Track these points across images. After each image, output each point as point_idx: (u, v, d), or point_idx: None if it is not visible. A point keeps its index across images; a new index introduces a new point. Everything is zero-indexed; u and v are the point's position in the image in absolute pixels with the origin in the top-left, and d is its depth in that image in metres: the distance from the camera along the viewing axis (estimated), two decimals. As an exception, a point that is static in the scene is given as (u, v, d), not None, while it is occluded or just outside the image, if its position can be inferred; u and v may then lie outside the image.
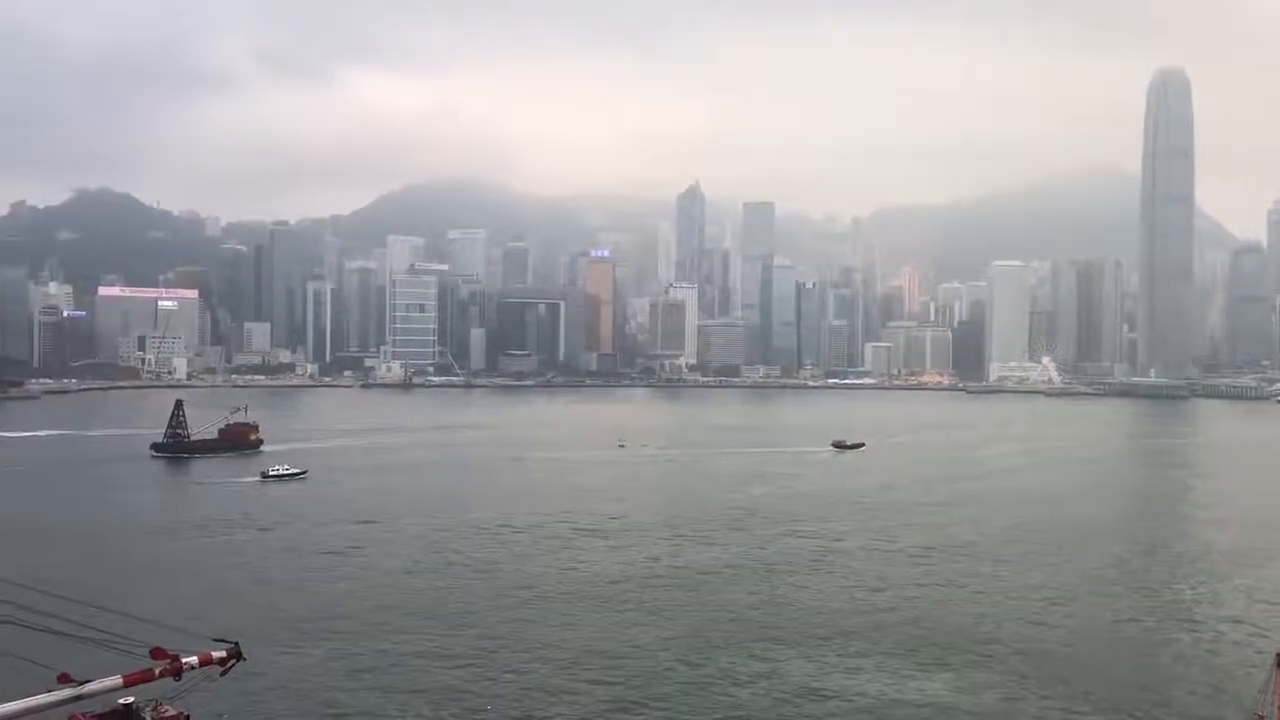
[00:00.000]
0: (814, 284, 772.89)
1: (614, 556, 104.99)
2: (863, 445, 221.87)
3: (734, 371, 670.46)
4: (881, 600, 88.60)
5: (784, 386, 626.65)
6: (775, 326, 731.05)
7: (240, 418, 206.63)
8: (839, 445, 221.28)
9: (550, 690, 64.41)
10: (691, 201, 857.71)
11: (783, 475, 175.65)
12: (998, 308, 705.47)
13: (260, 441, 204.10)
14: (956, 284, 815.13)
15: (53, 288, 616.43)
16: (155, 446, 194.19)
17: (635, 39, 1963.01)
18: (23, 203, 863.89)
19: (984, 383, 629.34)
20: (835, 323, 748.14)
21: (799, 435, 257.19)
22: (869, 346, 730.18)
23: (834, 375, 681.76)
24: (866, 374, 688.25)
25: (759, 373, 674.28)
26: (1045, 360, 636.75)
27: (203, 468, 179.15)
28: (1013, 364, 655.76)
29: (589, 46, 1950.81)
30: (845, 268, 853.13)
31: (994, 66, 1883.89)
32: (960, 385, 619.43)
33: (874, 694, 64.68)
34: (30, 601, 37.82)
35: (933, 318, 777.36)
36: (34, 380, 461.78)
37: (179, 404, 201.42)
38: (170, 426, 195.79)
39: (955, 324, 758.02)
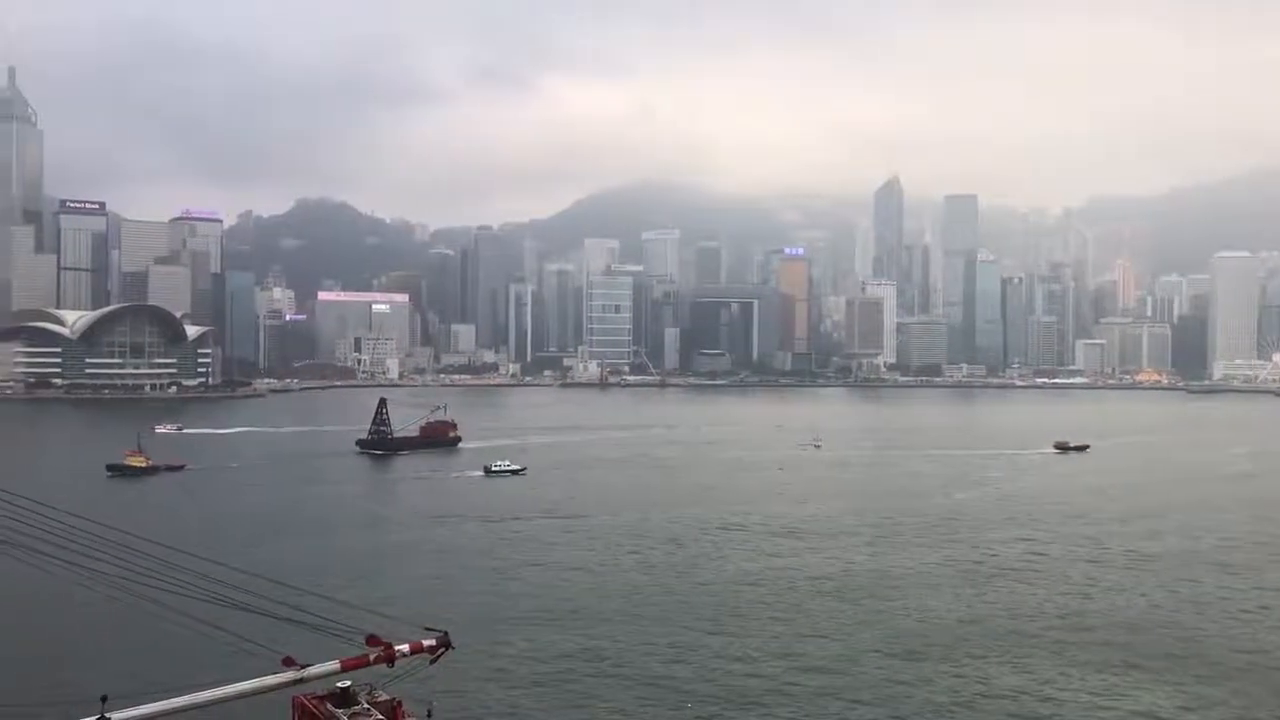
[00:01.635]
0: (1021, 279, 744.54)
1: (810, 559, 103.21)
2: (1088, 447, 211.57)
3: (935, 371, 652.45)
4: (1094, 608, 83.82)
5: (989, 386, 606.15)
6: (979, 324, 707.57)
7: (440, 416, 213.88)
8: (1062, 447, 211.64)
9: (746, 691, 63.69)
10: (889, 196, 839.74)
11: (991, 478, 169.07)
12: (1222, 302, 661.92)
13: (459, 439, 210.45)
14: (1176, 277, 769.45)
15: (277, 293, 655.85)
16: (360, 443, 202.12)
17: (830, 34, 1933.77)
18: (249, 213, 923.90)
19: (1207, 382, 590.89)
20: (1044, 319, 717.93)
21: (1009, 436, 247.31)
22: (1080, 344, 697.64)
23: (1042, 374, 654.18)
24: (1078, 373, 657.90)
25: (962, 372, 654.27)
26: (1276, 358, 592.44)
27: (416, 463, 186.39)
28: (1239, 362, 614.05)
29: (783, 44, 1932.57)
30: (1054, 262, 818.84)
31: (1217, 46, 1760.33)
32: (1180, 384, 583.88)
33: (1086, 705, 61.10)
34: (256, 588, 39.78)
35: (1150, 313, 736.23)
36: (261, 380, 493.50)
37: (383, 402, 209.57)
38: (374, 424, 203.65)
39: (1174, 319, 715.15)
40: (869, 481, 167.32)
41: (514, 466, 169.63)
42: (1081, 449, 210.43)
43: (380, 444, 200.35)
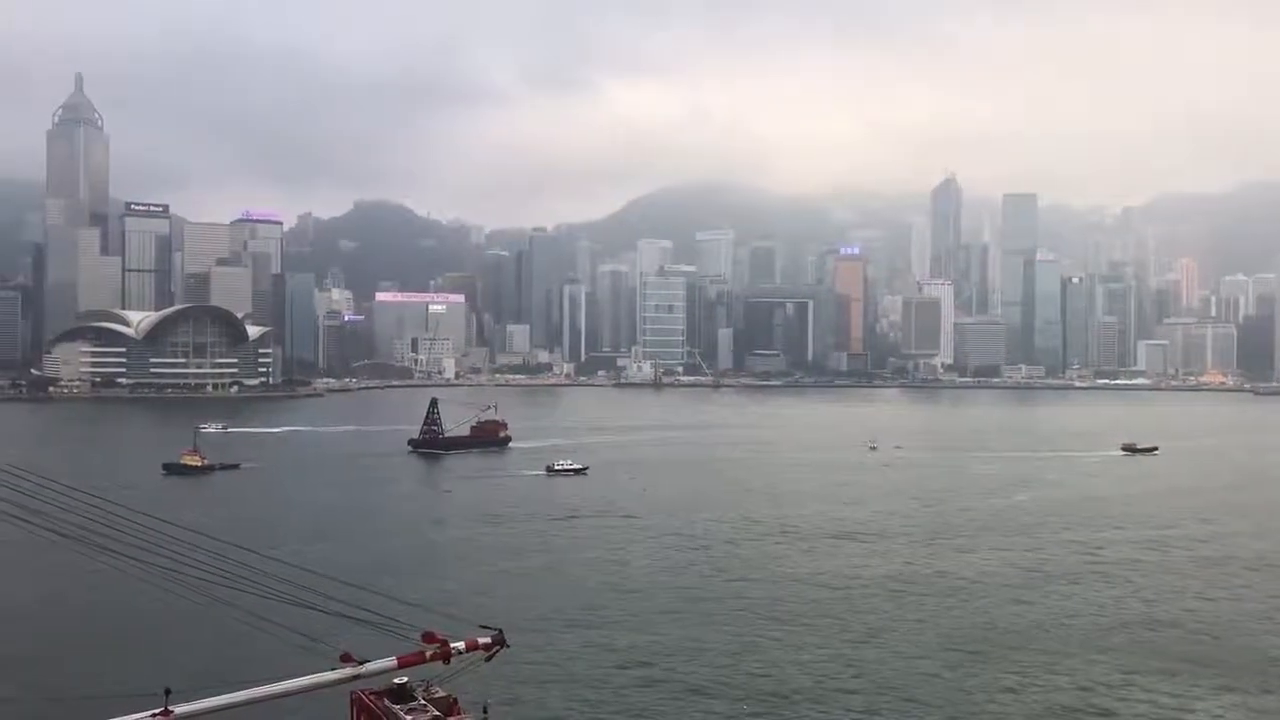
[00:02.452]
0: (1080, 279, 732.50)
1: (867, 561, 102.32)
2: (1156, 449, 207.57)
3: (993, 371, 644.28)
4: (1159, 613, 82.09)
5: (1048, 387, 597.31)
6: (1038, 324, 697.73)
7: (490, 416, 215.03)
8: (1129, 449, 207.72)
9: (802, 692, 63.22)
10: (946, 195, 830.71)
11: (1051, 480, 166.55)
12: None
13: (508, 439, 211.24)
14: (1241, 276, 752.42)
15: (335, 294, 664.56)
16: (412, 442, 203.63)
17: (885, 33, 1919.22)
18: (309, 215, 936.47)
19: (1274, 383, 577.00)
20: (1104, 320, 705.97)
21: (1071, 438, 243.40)
22: (1142, 345, 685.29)
23: (1103, 375, 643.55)
24: (1139, 374, 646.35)
25: (1021, 373, 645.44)
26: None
27: (474, 463, 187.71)
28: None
29: (840, 44, 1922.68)
30: (1115, 261, 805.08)
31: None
32: (1246, 386, 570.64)
33: (1150, 714, 59.83)
34: (314, 584, 40.18)
35: (1214, 313, 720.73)
36: (320, 379, 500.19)
37: (434, 402, 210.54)
38: (426, 423, 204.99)
39: (1239, 320, 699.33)
40: (926, 483, 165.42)
41: (576, 466, 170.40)
42: (1150, 451, 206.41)
43: (431, 443, 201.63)
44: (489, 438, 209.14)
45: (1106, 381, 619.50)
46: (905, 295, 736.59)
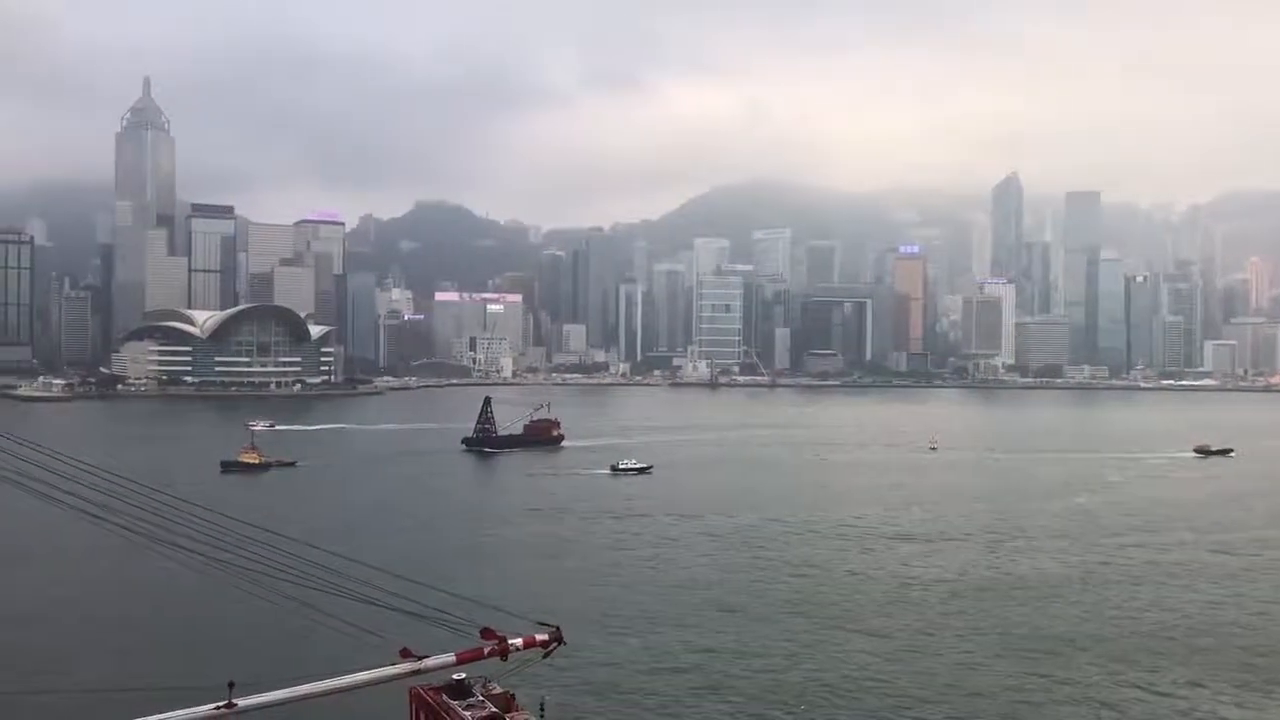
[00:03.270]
0: (1145, 277, 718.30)
1: (925, 562, 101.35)
2: (1231, 451, 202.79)
3: (1056, 372, 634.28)
4: (1225, 618, 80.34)
5: (1112, 388, 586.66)
6: (1102, 324, 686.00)
7: (543, 415, 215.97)
8: (1203, 451, 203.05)
9: (861, 694, 62.73)
10: (1008, 193, 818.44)
11: (1116, 481, 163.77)
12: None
13: (561, 437, 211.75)
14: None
15: (395, 294, 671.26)
16: (465, 441, 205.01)
17: (948, 31, 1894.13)
18: (370, 216, 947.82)
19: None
20: (1170, 319, 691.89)
21: (1136, 439, 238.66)
22: (1209, 345, 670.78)
23: (1169, 376, 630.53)
24: (1206, 375, 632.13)
25: (1084, 373, 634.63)
26: None
27: (532, 462, 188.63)
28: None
29: (897, 40, 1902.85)
30: (1181, 260, 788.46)
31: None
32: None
33: (1222, 722, 58.65)
34: (374, 579, 40.59)
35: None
36: (380, 378, 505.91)
37: (487, 401, 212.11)
38: (479, 422, 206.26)
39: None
40: (987, 484, 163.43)
41: (640, 465, 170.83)
42: (1225, 453, 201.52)
43: (485, 442, 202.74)
44: (542, 437, 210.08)
45: (1172, 382, 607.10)
46: (966, 294, 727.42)
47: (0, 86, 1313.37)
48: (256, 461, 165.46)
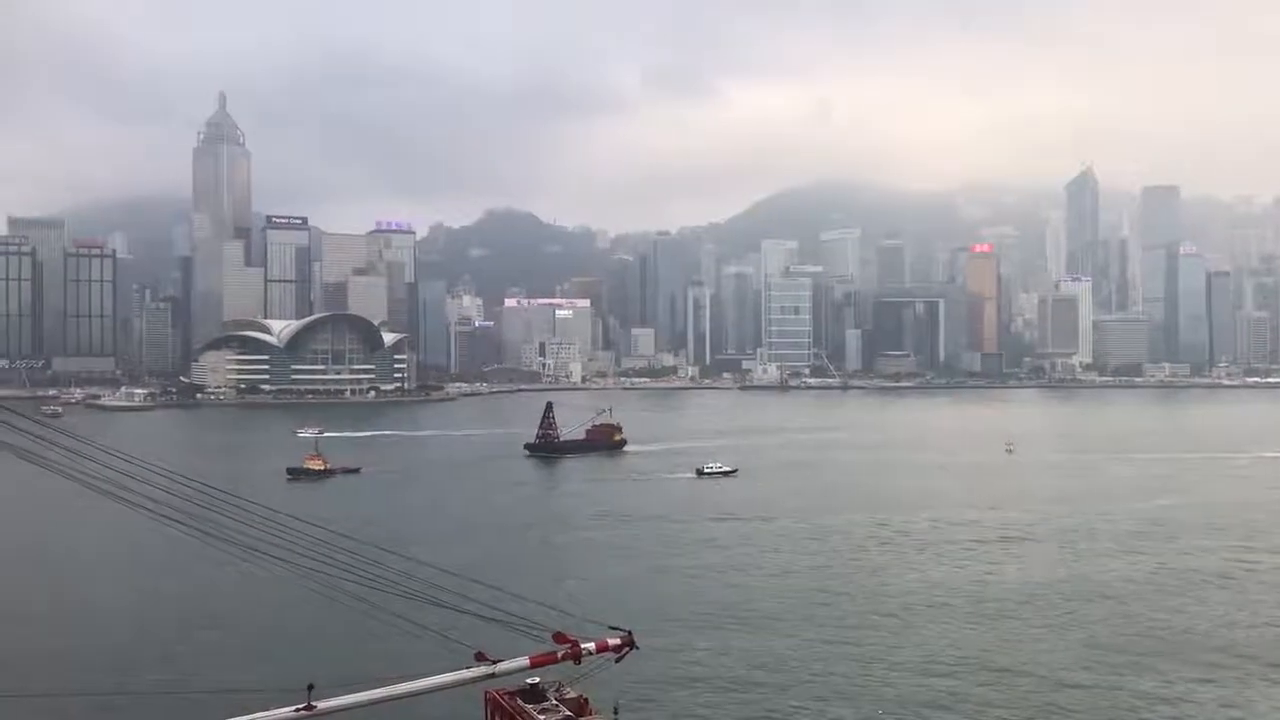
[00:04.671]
0: (1228, 272, 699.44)
1: (1002, 566, 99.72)
2: None
3: (1135, 370, 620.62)
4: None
5: (1194, 386, 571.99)
6: (1182, 320, 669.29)
7: (605, 419, 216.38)
8: None
9: (940, 701, 61.78)
10: (1083, 189, 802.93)
11: (1199, 482, 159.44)
12: None
13: (624, 442, 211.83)
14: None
15: (466, 300, 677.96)
16: (528, 446, 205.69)
17: (1017, 26, 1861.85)
18: (440, 224, 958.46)
19: None
20: (1254, 315, 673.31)
21: (1220, 439, 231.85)
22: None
23: (1253, 373, 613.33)
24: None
25: (1164, 371, 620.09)
26: None
27: (597, 464, 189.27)
28: None
29: (969, 38, 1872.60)
30: (1265, 254, 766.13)
31: None
32: None
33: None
34: (447, 584, 40.98)
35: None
36: (452, 384, 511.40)
37: (549, 406, 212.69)
38: (542, 427, 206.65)
39: None
40: (1065, 486, 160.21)
41: (726, 468, 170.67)
42: None
43: (547, 447, 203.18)
44: (604, 441, 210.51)
45: (1257, 380, 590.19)
46: (1041, 293, 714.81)
47: (82, 107, 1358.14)
48: (321, 468, 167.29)
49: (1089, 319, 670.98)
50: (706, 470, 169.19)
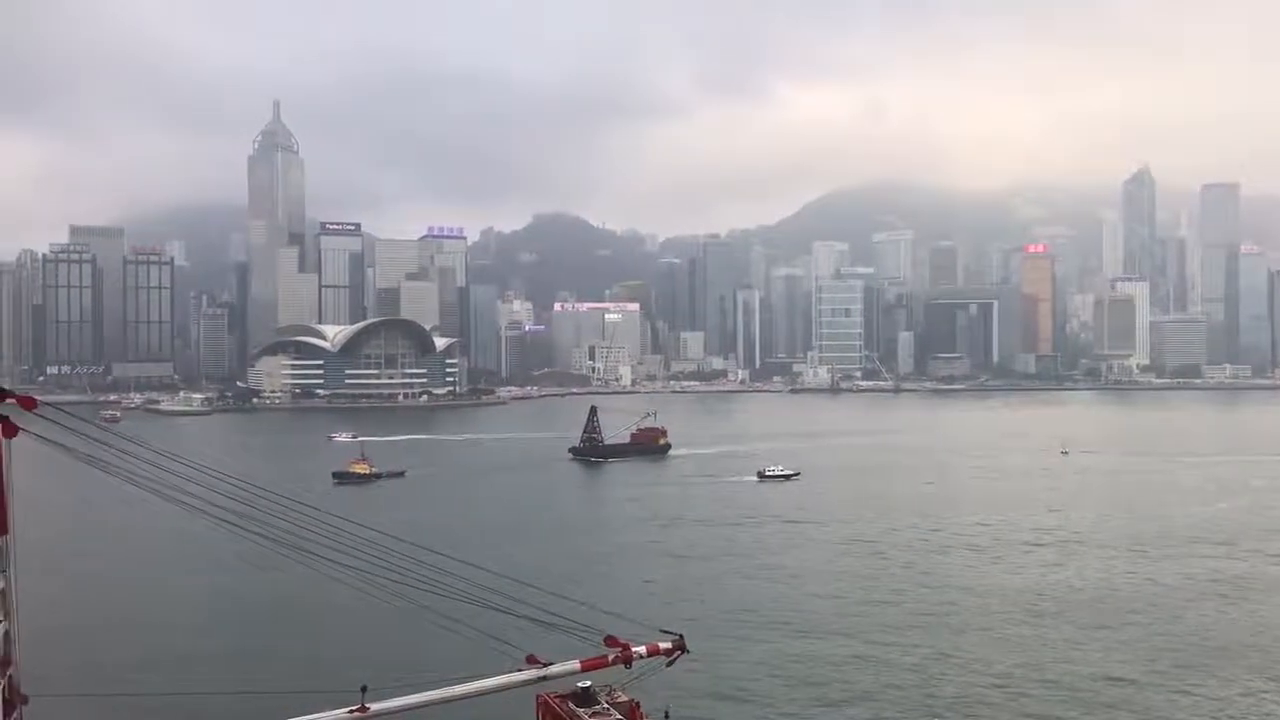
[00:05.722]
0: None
1: (1059, 570, 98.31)
2: None
3: (1194, 372, 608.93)
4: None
5: (1255, 388, 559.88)
6: (1243, 321, 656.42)
7: (650, 423, 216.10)
8: None
9: (991, 708, 60.91)
10: (1139, 187, 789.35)
11: (1261, 487, 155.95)
12: None
13: (668, 445, 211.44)
14: None
15: (516, 305, 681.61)
16: (572, 450, 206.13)
17: (1069, 23, 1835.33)
18: (491, 229, 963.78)
19: None
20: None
21: None
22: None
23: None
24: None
25: (1224, 373, 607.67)
26: None
27: (643, 468, 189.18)
28: None
29: (1019, 35, 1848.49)
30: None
31: None
32: None
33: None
34: (500, 586, 41.05)
35: None
36: (503, 388, 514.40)
37: (593, 410, 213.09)
38: (586, 431, 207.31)
39: None
40: (1122, 490, 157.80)
41: (788, 471, 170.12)
42: None
43: (591, 450, 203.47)
44: (649, 444, 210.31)
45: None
46: (1097, 293, 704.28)
47: (141, 116, 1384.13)
48: (367, 472, 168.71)
49: (1146, 320, 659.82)
50: (768, 473, 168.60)
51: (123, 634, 76.82)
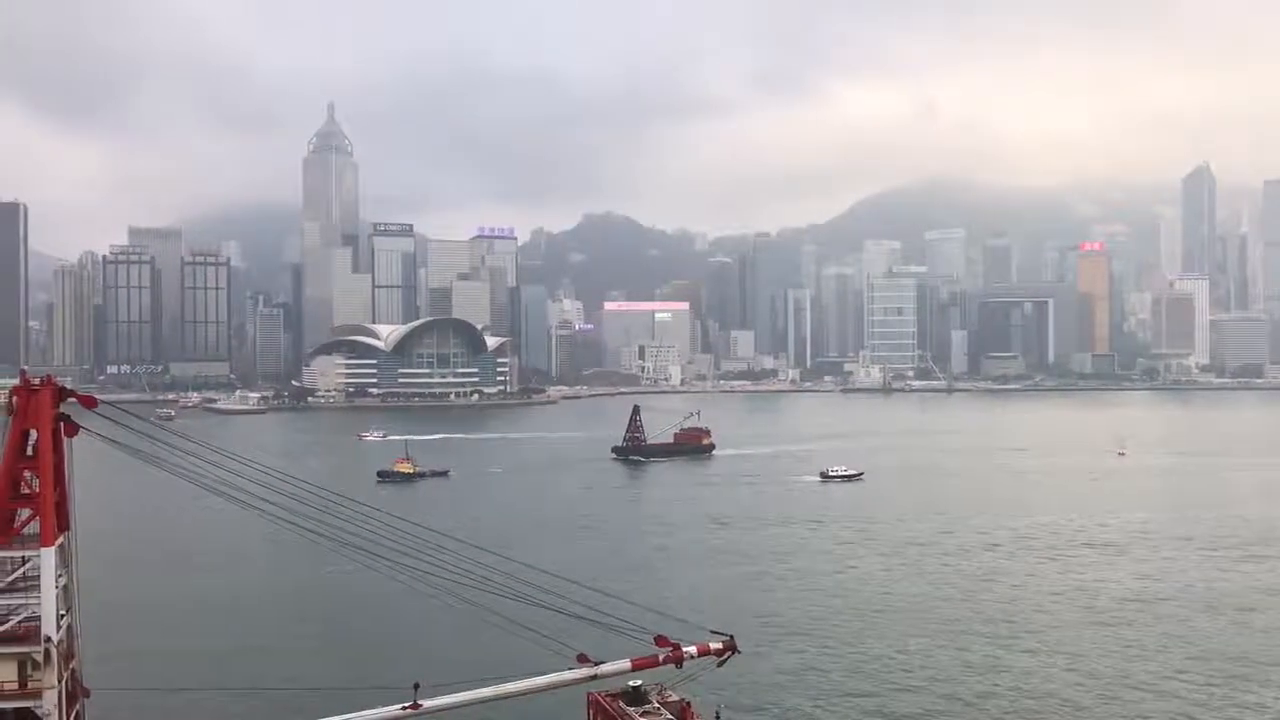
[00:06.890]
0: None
1: (1115, 572, 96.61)
2: None
3: (1256, 371, 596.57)
4: None
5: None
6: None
7: (693, 423, 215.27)
8: None
9: (1046, 712, 59.98)
10: (1199, 184, 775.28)
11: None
12: None
13: (712, 445, 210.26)
14: None
15: (566, 305, 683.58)
16: (615, 449, 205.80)
17: (1126, 19, 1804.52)
18: (541, 229, 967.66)
19: None
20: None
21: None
22: None
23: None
24: None
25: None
26: None
27: (690, 468, 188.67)
28: None
29: (1076, 32, 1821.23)
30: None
31: None
32: None
33: None
34: (553, 586, 41.13)
35: None
36: (554, 387, 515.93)
37: (636, 410, 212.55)
38: (629, 431, 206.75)
39: None
40: (1179, 491, 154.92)
41: (850, 471, 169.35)
42: None
43: (634, 450, 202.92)
44: (693, 444, 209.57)
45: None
46: (1155, 292, 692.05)
47: (198, 119, 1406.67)
48: (410, 471, 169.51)
49: (1206, 318, 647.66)
50: (831, 473, 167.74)
51: (178, 629, 77.87)
